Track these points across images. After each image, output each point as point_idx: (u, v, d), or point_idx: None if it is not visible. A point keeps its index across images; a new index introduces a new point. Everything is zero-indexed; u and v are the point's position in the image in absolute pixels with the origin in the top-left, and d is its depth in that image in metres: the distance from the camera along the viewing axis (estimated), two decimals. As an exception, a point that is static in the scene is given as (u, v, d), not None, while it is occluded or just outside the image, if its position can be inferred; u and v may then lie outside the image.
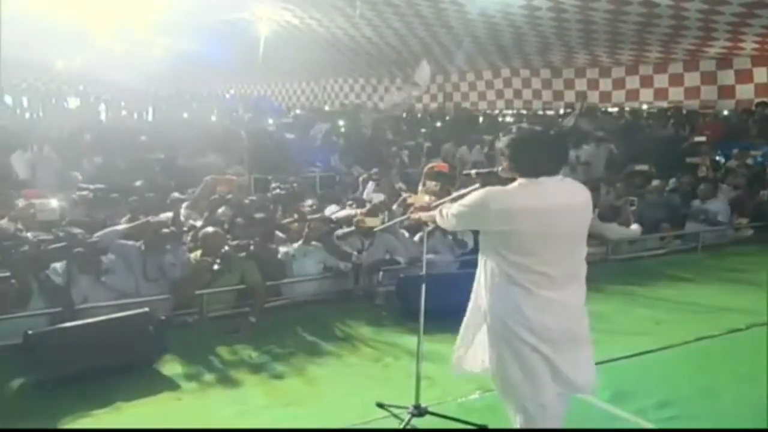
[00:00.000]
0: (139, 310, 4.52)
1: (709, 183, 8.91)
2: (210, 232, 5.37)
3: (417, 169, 9.48)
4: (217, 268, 5.15)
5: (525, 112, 14.95)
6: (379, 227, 5.88)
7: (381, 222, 5.98)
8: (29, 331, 4.03)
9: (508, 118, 15.15)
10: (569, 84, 14.30)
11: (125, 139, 11.23)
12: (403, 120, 15.93)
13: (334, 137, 12.61)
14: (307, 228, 5.94)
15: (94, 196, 6.77)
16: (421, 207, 3.35)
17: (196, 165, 9.20)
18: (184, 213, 6.35)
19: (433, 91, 17.72)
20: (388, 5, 11.58)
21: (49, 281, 4.73)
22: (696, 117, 11.80)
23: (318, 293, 5.88)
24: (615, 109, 13.35)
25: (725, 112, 11.76)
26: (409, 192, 6.57)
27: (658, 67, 12.46)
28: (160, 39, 16.44)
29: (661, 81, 12.48)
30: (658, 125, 11.74)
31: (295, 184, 8.28)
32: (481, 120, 15.16)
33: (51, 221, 5.78)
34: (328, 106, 20.66)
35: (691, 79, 11.94)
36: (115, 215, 6.49)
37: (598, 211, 6.87)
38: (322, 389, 4.08)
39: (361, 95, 19.59)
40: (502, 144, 2.76)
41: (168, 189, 7.71)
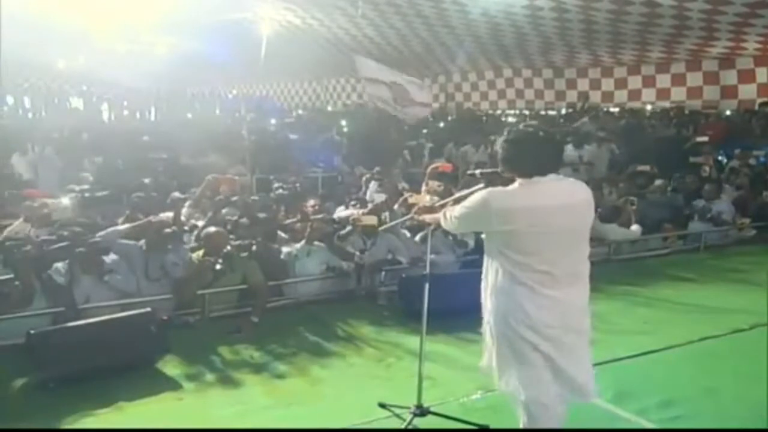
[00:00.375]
0: (141, 310, 4.52)
1: (713, 183, 8.90)
2: (212, 232, 5.37)
3: (420, 169, 9.50)
4: (219, 268, 5.14)
5: (527, 112, 14.94)
6: (382, 227, 5.88)
7: (378, 221, 5.98)
8: (31, 331, 4.03)
9: (510, 119, 15.15)
10: (571, 84, 14.29)
11: (127, 139, 11.25)
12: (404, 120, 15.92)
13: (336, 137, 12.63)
14: (310, 228, 5.94)
15: (83, 197, 6.75)
16: (425, 208, 3.35)
17: (198, 165, 9.20)
18: (187, 212, 6.35)
19: (435, 91, 17.72)
20: (390, 5, 11.58)
21: (51, 281, 4.73)
22: (698, 117, 11.79)
23: (320, 293, 5.88)
24: (616, 109, 13.35)
25: (728, 112, 11.75)
26: (412, 192, 6.57)
27: (661, 67, 12.45)
28: (163, 39, 16.46)
29: (663, 81, 12.47)
30: (660, 125, 11.73)
31: (297, 185, 8.28)
32: (485, 120, 15.15)
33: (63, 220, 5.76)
34: (330, 107, 20.68)
35: (694, 79, 11.93)
36: (107, 215, 6.49)
37: (599, 211, 6.86)
38: (324, 389, 4.07)
39: (362, 95, 19.58)
40: (499, 144, 2.80)
41: (170, 188, 7.71)
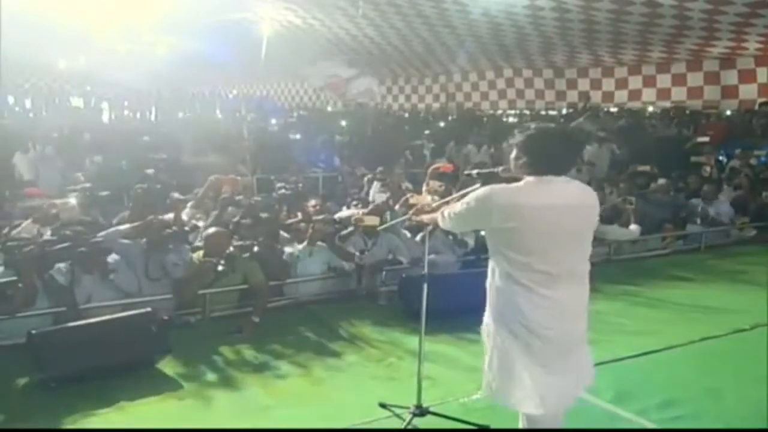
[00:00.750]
0: (142, 310, 4.51)
1: (712, 184, 8.90)
2: (213, 233, 5.36)
3: (421, 170, 9.50)
4: (221, 269, 5.14)
5: (528, 112, 14.95)
6: (381, 227, 5.87)
7: (380, 221, 5.97)
8: (32, 331, 4.03)
9: (511, 119, 15.15)
10: (572, 84, 14.29)
11: (128, 139, 11.26)
12: (406, 120, 15.95)
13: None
14: (312, 229, 5.94)
15: (83, 196, 6.74)
16: (422, 209, 3.31)
17: (198, 165, 9.20)
18: (189, 213, 6.35)
19: (436, 91, 17.74)
20: (390, 5, 11.58)
21: (53, 281, 4.73)
22: (699, 117, 11.79)
23: (321, 293, 5.88)
24: (616, 109, 13.35)
25: (728, 112, 11.75)
26: (414, 192, 6.56)
27: (661, 67, 12.44)
28: (163, 39, 16.48)
29: (664, 81, 12.46)
30: (661, 125, 11.74)
31: (299, 185, 8.28)
32: (485, 120, 15.16)
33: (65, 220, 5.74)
34: (330, 107, 20.69)
35: (695, 79, 11.92)
36: (108, 214, 6.49)
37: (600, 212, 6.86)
38: (324, 389, 4.07)
39: (363, 95, 19.56)
40: (518, 140, 2.70)
41: (170, 188, 7.71)
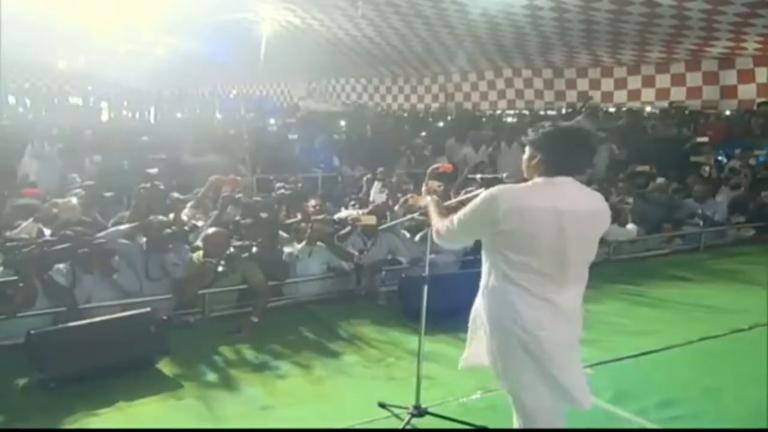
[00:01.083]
0: (141, 310, 4.52)
1: (710, 184, 8.90)
2: (213, 233, 5.36)
3: (421, 170, 9.50)
4: (221, 269, 5.14)
5: (527, 113, 14.94)
6: (381, 227, 5.88)
7: (379, 221, 5.97)
8: (32, 331, 4.03)
9: (510, 119, 15.15)
10: (571, 84, 14.29)
11: (127, 139, 11.24)
12: (405, 120, 15.95)
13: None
14: (311, 229, 5.94)
15: (86, 194, 6.73)
16: (417, 198, 3.19)
17: (198, 165, 9.20)
18: (189, 213, 6.35)
19: (435, 91, 17.74)
20: (389, 5, 11.58)
21: (52, 281, 4.73)
22: (698, 117, 11.79)
23: (320, 293, 5.88)
24: (614, 110, 13.34)
25: (727, 112, 11.75)
26: (413, 192, 6.56)
27: (660, 67, 12.44)
28: (163, 39, 16.48)
29: (663, 81, 12.46)
30: (660, 125, 11.74)
31: (299, 185, 8.28)
32: (484, 120, 15.15)
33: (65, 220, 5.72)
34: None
35: (693, 79, 11.92)
36: (110, 213, 6.48)
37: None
38: (324, 389, 4.08)
39: (362, 95, 19.60)
40: (534, 138, 2.65)
41: (170, 189, 7.70)
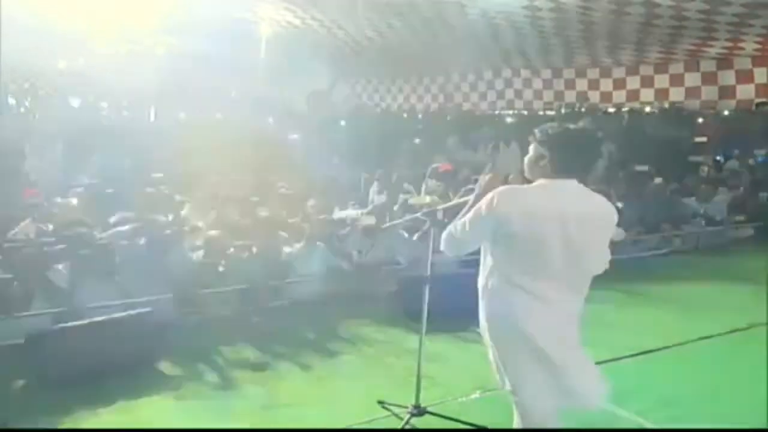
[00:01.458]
0: (141, 310, 4.54)
1: (707, 184, 8.91)
2: (214, 235, 5.38)
3: (420, 170, 9.52)
4: (221, 269, 5.16)
5: (526, 113, 14.95)
6: (381, 227, 5.89)
7: (378, 221, 5.98)
8: (32, 331, 4.04)
9: (509, 119, 15.15)
10: (570, 84, 14.30)
11: (127, 139, 11.24)
12: (404, 120, 15.97)
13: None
14: (309, 228, 5.95)
15: (88, 193, 6.73)
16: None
17: (197, 165, 9.20)
18: (188, 213, 6.36)
19: (434, 91, 17.75)
20: (389, 5, 11.59)
21: (51, 282, 4.74)
22: (697, 117, 11.81)
23: (320, 293, 5.89)
24: (614, 110, 13.36)
25: (726, 113, 11.76)
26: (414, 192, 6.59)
27: (659, 68, 12.45)
28: (163, 39, 16.46)
29: (661, 81, 12.47)
30: (659, 125, 11.75)
31: (299, 184, 8.30)
32: (484, 120, 15.16)
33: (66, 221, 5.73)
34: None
35: (692, 79, 11.93)
36: (111, 212, 6.49)
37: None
38: (324, 388, 4.09)
39: (362, 95, 19.59)
40: (540, 138, 2.63)
41: (173, 191, 7.70)
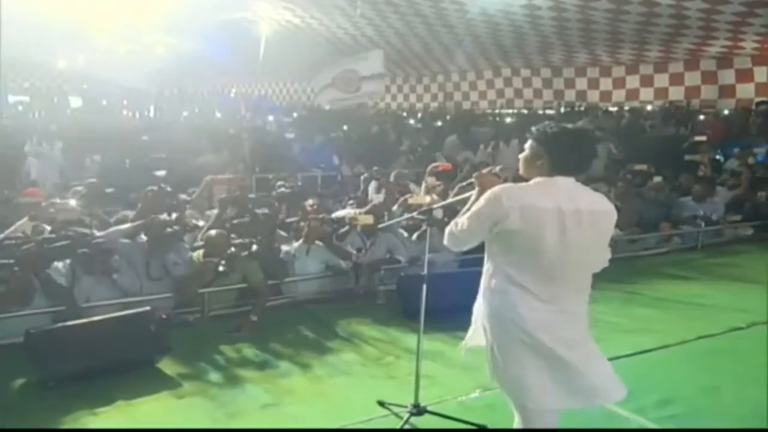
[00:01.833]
0: (141, 309, 4.53)
1: (703, 183, 8.91)
2: (214, 234, 5.37)
3: (420, 169, 9.51)
4: (221, 269, 5.15)
5: (526, 112, 14.96)
6: (380, 226, 5.88)
7: (376, 220, 5.98)
8: (31, 330, 4.04)
9: (508, 118, 15.17)
10: (570, 83, 14.31)
11: (127, 139, 11.25)
12: (404, 119, 15.97)
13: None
14: (308, 227, 5.94)
15: (89, 192, 6.73)
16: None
17: (196, 164, 9.22)
18: (187, 213, 6.35)
19: (434, 90, 17.76)
20: (388, 4, 11.59)
21: (51, 280, 4.74)
22: (696, 116, 11.81)
23: (319, 292, 5.90)
24: (615, 109, 13.36)
25: (726, 112, 11.77)
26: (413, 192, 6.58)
27: (659, 67, 12.46)
28: (163, 39, 16.47)
29: (661, 80, 12.48)
30: (659, 124, 11.75)
31: (298, 183, 8.30)
32: (483, 119, 15.17)
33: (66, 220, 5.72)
34: (328, 106, 20.64)
35: (692, 78, 11.94)
36: (111, 211, 6.49)
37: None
38: (323, 388, 4.09)
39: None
40: (537, 137, 2.64)
41: (176, 190, 7.68)
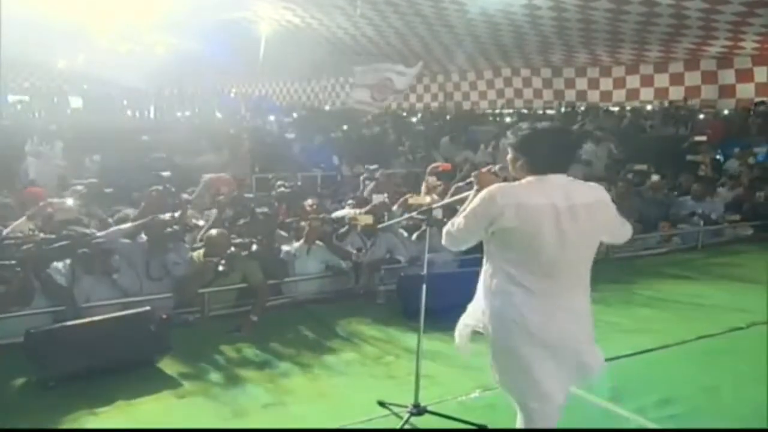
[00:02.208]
0: (141, 309, 4.53)
1: (703, 182, 8.91)
2: (215, 234, 5.36)
3: (419, 169, 9.52)
4: (221, 269, 5.15)
5: (526, 112, 14.97)
6: (380, 225, 5.88)
7: (376, 220, 5.98)
8: (31, 330, 4.04)
9: (508, 118, 15.18)
10: (570, 83, 14.31)
11: (127, 139, 11.25)
12: (403, 119, 15.98)
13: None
14: (308, 227, 5.94)
15: (88, 191, 6.72)
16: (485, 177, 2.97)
17: (196, 164, 9.21)
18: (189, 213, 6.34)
19: (434, 90, 17.77)
20: (388, 5, 11.59)
21: (51, 280, 4.74)
22: (697, 115, 11.81)
23: (319, 292, 5.90)
24: (616, 109, 13.36)
25: (726, 111, 11.78)
26: (412, 191, 6.57)
27: (659, 67, 12.47)
28: (162, 38, 16.47)
29: (661, 80, 12.50)
30: (659, 124, 11.76)
31: (298, 183, 8.30)
32: (483, 119, 15.18)
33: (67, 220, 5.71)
34: (328, 106, 20.70)
35: (692, 78, 11.96)
36: (113, 210, 6.49)
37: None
38: (323, 388, 4.09)
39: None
40: (512, 141, 2.67)
41: (179, 190, 7.68)
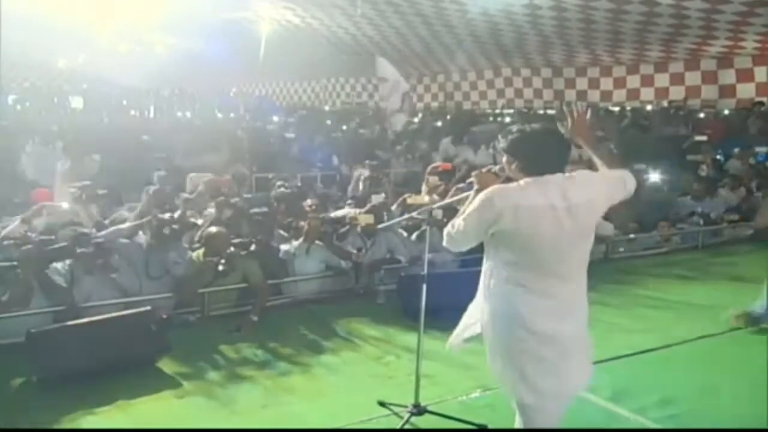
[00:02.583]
0: (141, 309, 4.54)
1: (703, 182, 8.90)
2: (214, 233, 5.36)
3: (419, 168, 9.54)
4: (221, 269, 5.15)
5: (526, 111, 14.96)
6: (380, 225, 5.89)
7: (375, 220, 5.98)
8: (32, 330, 4.05)
9: (508, 118, 15.17)
10: (570, 83, 14.31)
11: (127, 138, 11.26)
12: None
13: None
14: (307, 227, 5.95)
15: (83, 193, 6.73)
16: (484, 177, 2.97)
17: (196, 164, 9.21)
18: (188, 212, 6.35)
19: (434, 90, 17.76)
20: (389, 4, 11.59)
21: (51, 280, 4.74)
22: (697, 115, 11.82)
23: (319, 292, 5.90)
24: (618, 108, 13.36)
25: (726, 111, 11.77)
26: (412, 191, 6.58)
27: (659, 66, 12.46)
28: (163, 39, 16.47)
29: (661, 80, 12.49)
30: (659, 124, 11.76)
31: (298, 183, 8.30)
32: (483, 119, 15.17)
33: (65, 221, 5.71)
34: (328, 106, 20.69)
35: (692, 78, 11.94)
36: (107, 212, 6.49)
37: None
38: (323, 388, 4.09)
39: (362, 95, 19.58)
40: (503, 144, 2.71)
41: (177, 189, 7.68)
